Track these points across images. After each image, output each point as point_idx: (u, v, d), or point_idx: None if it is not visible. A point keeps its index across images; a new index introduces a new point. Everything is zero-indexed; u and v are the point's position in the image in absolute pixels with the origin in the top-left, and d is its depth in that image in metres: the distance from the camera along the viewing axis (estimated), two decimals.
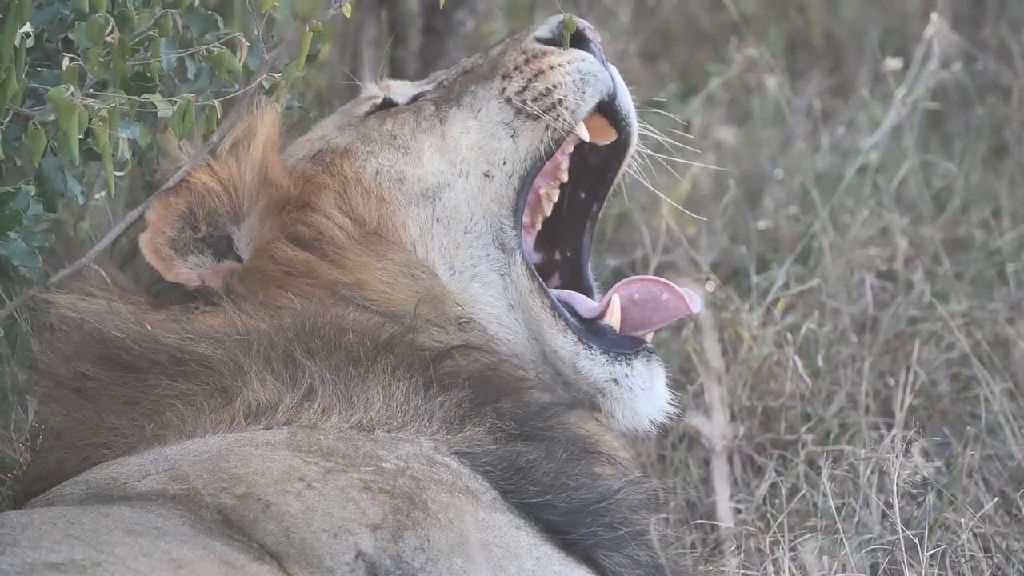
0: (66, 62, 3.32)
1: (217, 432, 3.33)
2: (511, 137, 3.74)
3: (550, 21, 3.84)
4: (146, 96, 3.43)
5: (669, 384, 3.71)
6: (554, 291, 3.73)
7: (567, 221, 3.88)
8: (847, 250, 5.00)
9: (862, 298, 4.89)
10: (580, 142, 3.78)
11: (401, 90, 3.92)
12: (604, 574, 3.27)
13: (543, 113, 3.73)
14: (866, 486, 4.12)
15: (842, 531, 3.95)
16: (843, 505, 4.10)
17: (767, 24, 6.34)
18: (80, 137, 3.40)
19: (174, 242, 3.64)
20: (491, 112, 3.77)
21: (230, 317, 3.51)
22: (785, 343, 4.59)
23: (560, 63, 3.77)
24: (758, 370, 4.55)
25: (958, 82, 5.79)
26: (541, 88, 3.75)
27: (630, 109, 3.83)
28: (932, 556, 3.87)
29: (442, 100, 3.81)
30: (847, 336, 4.77)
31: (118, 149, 3.40)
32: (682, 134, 4.18)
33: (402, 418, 3.37)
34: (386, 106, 3.87)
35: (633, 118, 3.83)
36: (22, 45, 3.35)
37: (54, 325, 3.57)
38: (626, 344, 3.69)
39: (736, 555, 3.94)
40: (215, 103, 3.55)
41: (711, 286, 4.79)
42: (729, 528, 3.96)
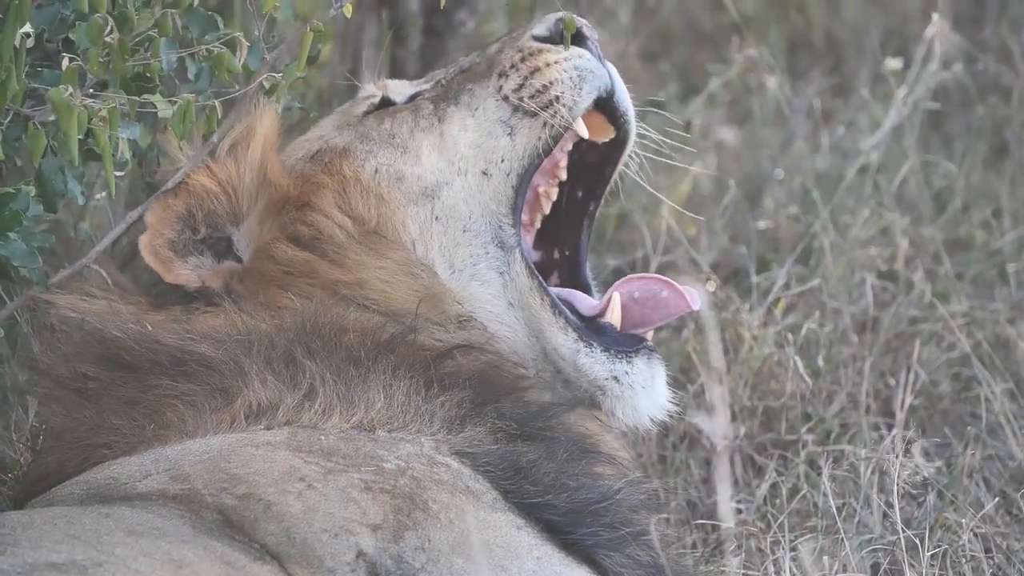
0: (66, 62, 3.32)
1: (218, 432, 3.32)
2: (508, 135, 3.74)
3: (547, 19, 3.84)
4: (146, 96, 3.43)
5: (669, 383, 3.71)
6: (554, 289, 3.72)
7: (565, 220, 3.87)
8: (848, 250, 5.00)
9: (863, 298, 4.88)
10: (578, 140, 3.78)
11: (399, 89, 3.92)
12: (605, 574, 3.27)
13: (540, 110, 3.72)
14: (867, 486, 4.11)
15: (843, 531, 3.95)
16: (844, 505, 4.10)
17: (767, 24, 6.34)
18: (80, 137, 3.40)
19: (173, 244, 3.63)
20: (488, 110, 3.77)
21: (231, 317, 3.51)
22: (786, 343, 4.59)
23: (557, 60, 3.76)
24: (759, 370, 4.55)
25: (959, 82, 5.79)
26: (538, 85, 3.75)
27: (628, 106, 3.82)
28: (933, 556, 3.87)
29: (440, 99, 3.81)
30: (848, 336, 4.77)
31: (118, 149, 3.40)
32: (680, 133, 4.17)
33: (403, 418, 3.37)
34: (384, 105, 3.87)
35: (631, 115, 3.83)
36: (22, 45, 3.35)
37: (54, 325, 3.57)
38: (627, 342, 3.68)
39: (737, 555, 3.94)
40: (215, 103, 3.55)
41: (711, 286, 4.79)
42: (730, 528, 3.95)
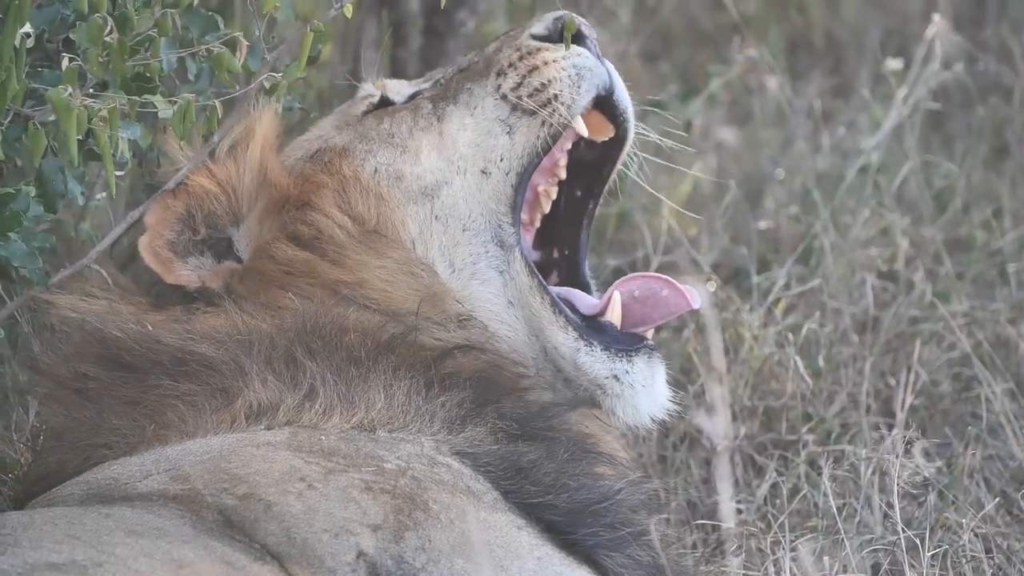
0: (66, 62, 3.32)
1: (218, 432, 3.32)
2: (507, 134, 3.74)
3: (545, 18, 3.83)
4: (146, 97, 3.43)
5: (670, 382, 3.70)
6: (554, 288, 3.72)
7: (565, 219, 3.87)
8: (848, 250, 5.00)
9: (863, 298, 4.88)
10: (577, 139, 3.78)
11: (397, 89, 3.91)
12: (605, 574, 3.27)
13: (539, 108, 3.72)
14: (867, 486, 4.11)
15: (843, 531, 3.95)
16: (844, 505, 4.10)
17: (768, 25, 6.34)
18: (80, 138, 3.40)
19: (173, 245, 3.63)
20: (487, 109, 3.76)
21: (231, 317, 3.51)
22: (786, 343, 4.59)
23: (555, 59, 3.76)
24: (759, 370, 4.55)
25: (959, 82, 5.79)
26: (536, 84, 3.75)
27: (627, 104, 3.82)
28: (933, 556, 3.87)
29: (439, 98, 3.81)
30: (848, 336, 4.77)
31: (118, 149, 3.40)
32: (678, 132, 4.17)
33: (403, 418, 3.37)
34: (383, 105, 3.87)
35: (630, 113, 3.83)
36: (22, 45, 3.34)
37: (55, 326, 3.57)
38: (627, 341, 3.68)
39: (737, 555, 3.93)
40: (215, 103, 3.55)
41: (712, 286, 4.79)
42: (730, 528, 3.95)
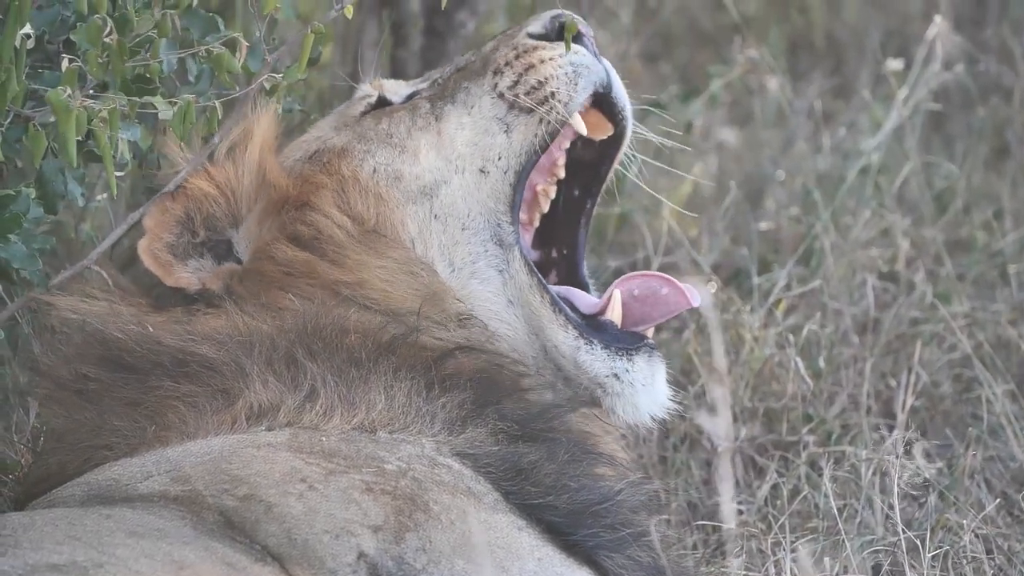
0: (65, 64, 3.32)
1: (219, 433, 3.32)
2: (505, 132, 3.74)
3: (542, 17, 3.83)
4: (146, 98, 3.43)
5: (670, 381, 3.70)
6: (554, 287, 3.72)
7: (563, 219, 3.87)
8: (849, 251, 5.00)
9: (864, 299, 4.88)
10: (575, 138, 3.77)
11: (395, 89, 3.91)
12: (606, 575, 3.27)
13: (536, 106, 3.72)
14: (868, 487, 4.11)
15: (844, 532, 3.95)
16: (845, 506, 4.10)
17: (768, 25, 6.34)
18: (81, 139, 3.40)
19: (173, 247, 3.63)
20: (484, 108, 3.76)
21: (232, 318, 3.51)
22: (787, 344, 4.59)
23: (552, 57, 3.76)
24: (760, 371, 4.55)
25: (960, 83, 5.79)
26: (533, 82, 3.75)
27: (625, 102, 3.82)
28: (934, 558, 3.86)
29: (437, 97, 3.81)
30: (849, 337, 4.77)
31: (118, 150, 3.40)
32: (675, 131, 4.16)
33: (404, 419, 3.37)
34: (380, 105, 3.87)
35: (629, 111, 3.83)
36: (22, 46, 3.34)
37: (55, 327, 3.57)
38: (627, 339, 3.68)
39: (738, 556, 3.93)
40: (216, 104, 3.55)
41: (713, 287, 4.78)
42: (731, 529, 3.95)
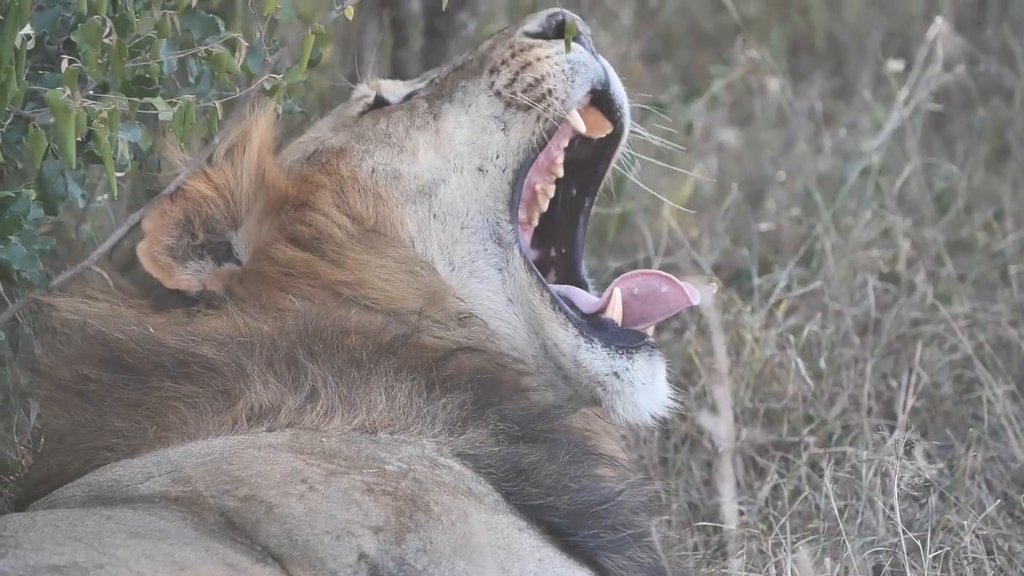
0: (65, 64, 3.32)
1: (220, 434, 3.32)
2: (502, 130, 3.74)
3: (539, 15, 3.83)
4: (147, 99, 3.43)
5: (670, 381, 3.70)
6: (553, 286, 3.71)
7: (562, 218, 3.87)
8: (849, 252, 5.00)
9: (864, 300, 4.88)
10: (573, 137, 3.77)
11: (392, 89, 3.92)
12: None
13: (533, 104, 3.72)
14: (868, 488, 4.11)
15: (844, 533, 3.95)
16: (845, 507, 4.10)
17: (769, 26, 6.34)
18: (81, 140, 3.39)
19: (172, 250, 3.63)
20: (481, 106, 3.77)
21: (232, 319, 3.51)
22: (787, 345, 4.59)
23: (548, 55, 3.76)
24: (760, 372, 4.55)
25: (960, 84, 5.78)
26: (529, 79, 3.74)
27: (623, 100, 3.82)
28: (935, 558, 3.86)
29: (435, 97, 3.81)
30: (849, 338, 4.76)
31: (118, 151, 3.40)
32: (671, 130, 4.16)
33: (404, 420, 3.37)
34: (378, 105, 3.87)
35: (626, 109, 3.83)
36: (23, 47, 3.35)
37: (56, 328, 3.57)
38: (628, 338, 3.68)
39: (738, 557, 3.93)
40: (216, 104, 3.55)
41: (714, 288, 4.78)
42: (732, 530, 3.95)
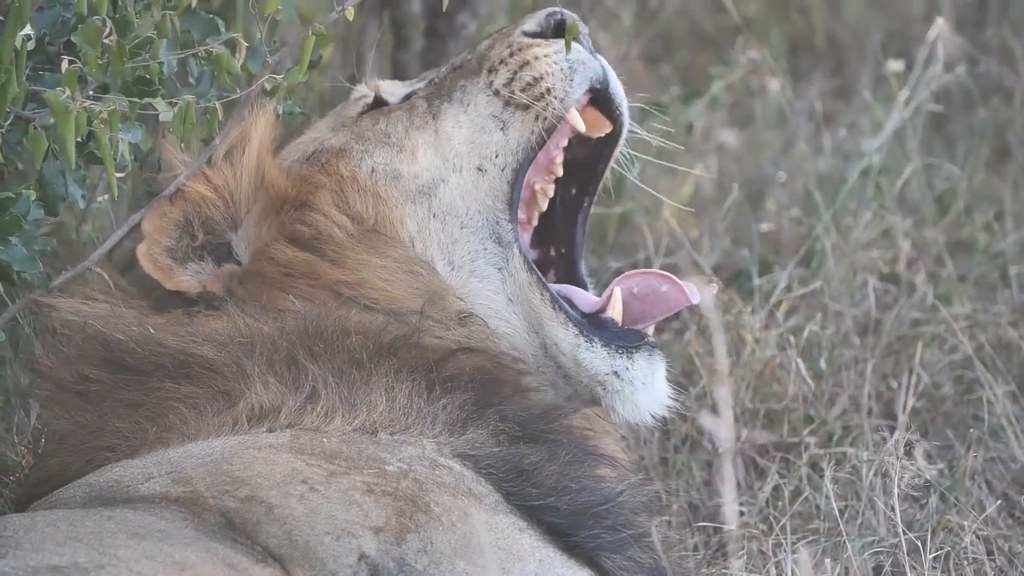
0: (65, 65, 3.32)
1: (220, 435, 3.33)
2: (501, 129, 3.74)
3: (537, 15, 3.83)
4: (147, 99, 3.43)
5: (671, 381, 3.70)
6: (553, 286, 3.71)
7: (561, 217, 3.87)
8: (850, 252, 5.00)
9: (865, 300, 4.88)
10: (572, 135, 3.77)
11: (391, 89, 3.92)
12: None
13: (532, 102, 3.72)
14: (869, 489, 4.11)
15: (845, 534, 3.95)
16: (846, 508, 4.10)
17: (769, 26, 6.34)
18: (81, 140, 3.39)
19: (172, 251, 3.62)
20: (480, 105, 3.77)
21: (233, 320, 3.51)
22: (788, 345, 4.59)
23: (546, 53, 3.76)
24: (761, 373, 4.55)
25: (961, 84, 5.78)
26: (528, 78, 3.75)
27: (622, 99, 3.82)
28: (935, 559, 3.86)
29: (434, 96, 3.81)
30: (850, 338, 4.76)
31: (119, 152, 3.40)
32: (670, 130, 4.16)
33: (405, 421, 3.37)
34: (377, 105, 3.87)
35: (625, 107, 3.83)
36: (23, 48, 3.35)
37: (56, 329, 3.57)
38: (628, 337, 3.68)
39: (739, 557, 3.93)
40: (216, 105, 3.55)
41: (714, 288, 4.78)
42: (732, 530, 3.95)
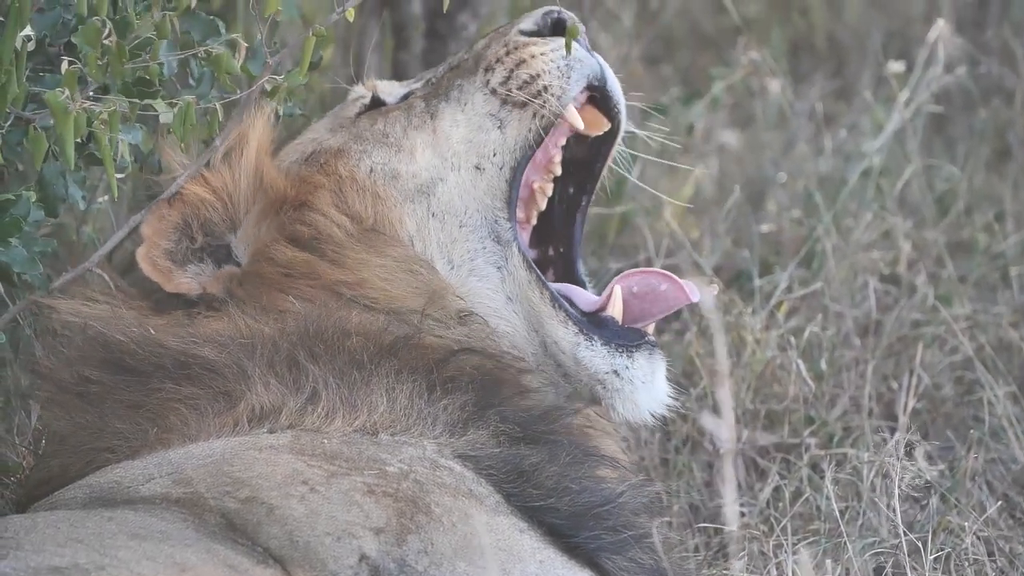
0: (64, 66, 3.32)
1: (221, 436, 3.33)
2: (499, 128, 3.74)
3: (534, 14, 3.83)
4: (147, 100, 3.43)
5: (671, 380, 3.70)
6: (553, 285, 3.71)
7: (559, 217, 3.87)
8: (850, 253, 5.00)
9: (865, 301, 4.88)
10: (570, 134, 3.77)
11: (389, 89, 3.92)
12: None
13: (530, 100, 3.72)
14: (869, 490, 4.11)
15: (845, 535, 3.95)
16: (846, 508, 4.10)
17: (770, 27, 6.34)
18: (81, 141, 3.39)
19: (171, 254, 3.62)
20: (477, 104, 3.77)
21: (233, 321, 3.51)
22: (788, 346, 4.59)
23: (543, 52, 3.76)
24: (761, 373, 4.55)
25: (961, 85, 5.78)
26: (524, 76, 3.74)
27: (620, 97, 3.82)
28: (936, 560, 3.86)
29: (431, 96, 3.81)
30: (850, 339, 4.76)
31: (119, 153, 3.40)
32: (666, 129, 4.16)
33: (405, 421, 3.37)
34: (375, 105, 3.87)
35: (623, 106, 3.83)
36: (23, 49, 3.35)
37: (57, 330, 3.56)
38: (628, 336, 3.68)
39: (739, 558, 3.93)
40: (216, 106, 3.55)
41: (715, 289, 4.78)
42: (733, 531, 3.95)
